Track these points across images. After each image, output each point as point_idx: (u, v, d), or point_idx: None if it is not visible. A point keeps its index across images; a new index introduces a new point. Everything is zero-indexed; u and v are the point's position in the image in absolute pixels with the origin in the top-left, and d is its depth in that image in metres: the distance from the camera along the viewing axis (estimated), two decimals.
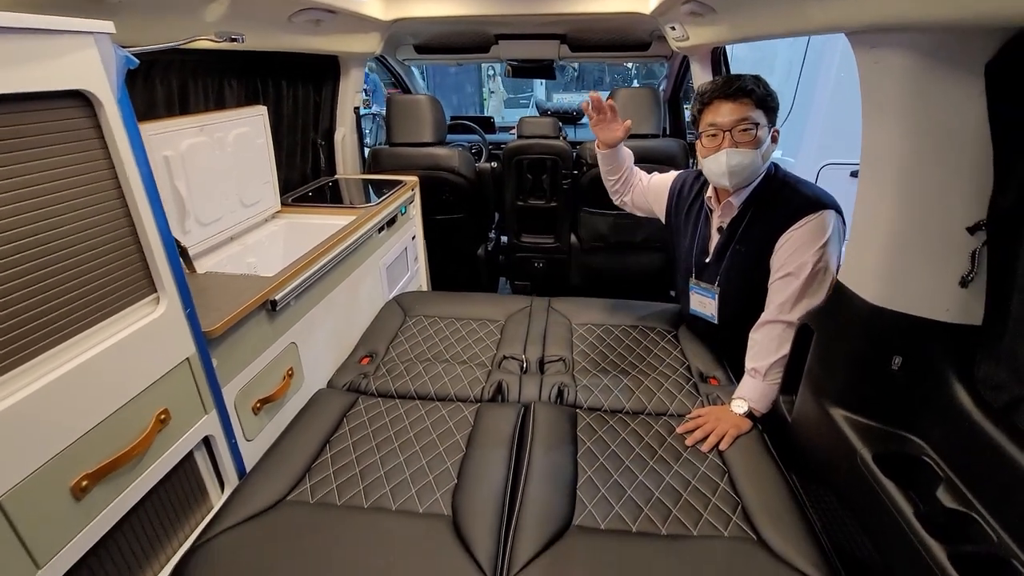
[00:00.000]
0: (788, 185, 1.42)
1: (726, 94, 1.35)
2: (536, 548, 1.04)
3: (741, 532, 1.08)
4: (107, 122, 0.85)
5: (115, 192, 0.89)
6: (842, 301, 1.05)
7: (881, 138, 0.90)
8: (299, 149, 2.37)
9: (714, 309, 1.59)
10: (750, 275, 1.47)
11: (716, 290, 1.57)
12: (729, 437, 1.31)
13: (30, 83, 0.73)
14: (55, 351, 0.80)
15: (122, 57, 0.87)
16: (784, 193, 1.41)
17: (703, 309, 1.64)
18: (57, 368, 0.80)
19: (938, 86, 0.77)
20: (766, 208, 1.43)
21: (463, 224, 2.75)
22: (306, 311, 1.55)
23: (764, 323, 1.43)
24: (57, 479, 0.80)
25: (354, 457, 1.29)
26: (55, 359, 0.80)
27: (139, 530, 0.99)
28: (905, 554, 0.84)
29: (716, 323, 1.62)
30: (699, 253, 1.61)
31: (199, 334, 1.08)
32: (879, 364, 0.99)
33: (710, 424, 1.34)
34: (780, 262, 1.38)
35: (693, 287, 1.65)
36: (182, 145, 1.49)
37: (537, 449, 1.29)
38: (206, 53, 1.62)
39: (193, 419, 1.08)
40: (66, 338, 0.82)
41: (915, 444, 0.96)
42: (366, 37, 2.32)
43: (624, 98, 2.52)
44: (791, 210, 1.36)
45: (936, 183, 0.84)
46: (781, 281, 1.38)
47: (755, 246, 1.44)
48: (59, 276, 0.80)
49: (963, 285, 0.85)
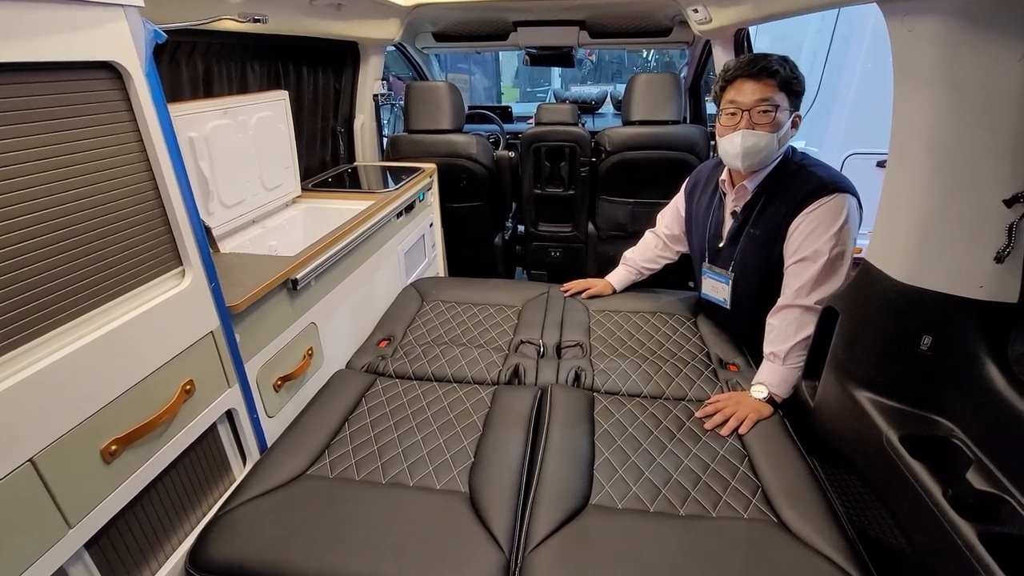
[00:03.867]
0: (804, 168, 1.40)
1: (750, 73, 1.33)
2: (553, 525, 1.04)
3: (761, 514, 1.07)
4: (136, 94, 0.87)
5: (143, 164, 0.91)
6: (869, 281, 1.03)
7: (914, 109, 0.87)
8: (319, 136, 2.39)
9: (726, 294, 1.58)
10: (764, 259, 1.46)
11: (730, 275, 1.55)
12: (749, 421, 1.29)
13: (63, 52, 0.75)
14: (85, 318, 0.82)
15: (151, 31, 0.89)
16: (800, 176, 1.39)
17: (715, 294, 1.64)
18: (87, 335, 0.82)
19: (975, 50, 0.74)
20: (781, 191, 1.40)
21: (480, 212, 2.75)
22: (326, 293, 1.57)
23: (781, 308, 1.42)
24: (88, 442, 0.82)
25: (372, 435, 1.31)
26: (85, 326, 0.82)
27: (165, 498, 1.02)
28: (933, 536, 0.82)
29: (728, 308, 1.61)
30: (712, 237, 1.60)
31: (223, 308, 1.10)
32: (907, 344, 0.96)
33: (729, 408, 1.33)
34: (795, 246, 1.37)
35: (706, 271, 1.65)
36: (206, 127, 1.51)
37: (554, 429, 1.29)
38: (230, 36, 1.64)
39: (217, 391, 1.10)
40: (95, 306, 0.84)
41: (944, 426, 0.93)
42: (385, 23, 2.32)
43: (643, 84, 2.49)
44: (806, 193, 1.34)
45: (971, 153, 0.81)
46: (797, 266, 1.36)
47: (769, 229, 1.43)
48: (89, 244, 0.82)
49: (999, 260, 0.83)
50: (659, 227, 1.92)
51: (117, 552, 0.92)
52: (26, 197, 0.73)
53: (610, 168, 2.54)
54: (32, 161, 0.74)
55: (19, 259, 0.72)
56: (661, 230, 1.91)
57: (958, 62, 0.78)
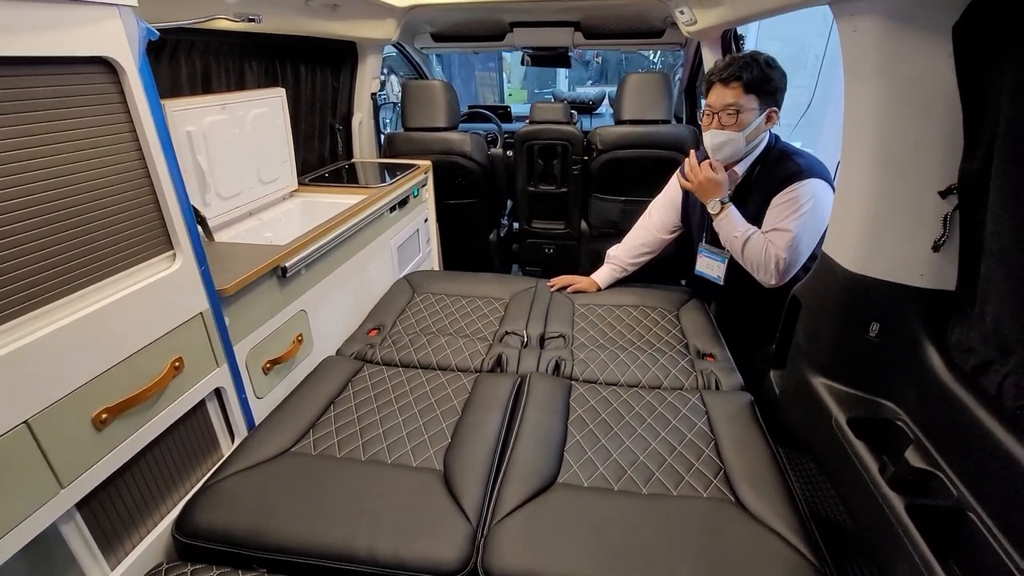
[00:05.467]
0: (785, 155, 1.58)
1: (721, 78, 1.50)
2: (519, 500, 1.09)
3: (720, 494, 1.11)
4: (129, 88, 0.93)
5: (136, 153, 0.97)
6: (826, 271, 1.07)
7: (861, 106, 0.91)
8: (317, 132, 2.46)
9: (721, 271, 1.73)
10: None
11: (727, 254, 1.70)
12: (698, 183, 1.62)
13: (60, 48, 0.81)
14: (80, 294, 0.89)
15: (144, 29, 0.95)
16: (781, 162, 1.56)
17: (709, 271, 1.78)
18: (81, 309, 0.88)
19: (909, 49, 0.79)
20: (765, 175, 1.59)
21: (475, 209, 2.80)
22: (316, 282, 1.63)
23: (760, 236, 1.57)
24: (80, 409, 0.88)
25: (355, 416, 1.37)
26: (79, 301, 0.89)
27: (155, 468, 1.08)
28: (868, 508, 0.86)
29: (721, 284, 1.74)
30: (709, 219, 1.73)
31: (212, 291, 1.16)
32: (857, 332, 1.01)
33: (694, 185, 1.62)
34: (770, 221, 1.55)
35: (703, 251, 1.79)
36: (204, 122, 1.58)
37: (529, 413, 1.34)
38: (228, 35, 1.71)
39: (206, 370, 1.16)
40: (90, 283, 0.90)
41: (890, 409, 0.97)
42: (382, 23, 2.39)
43: (634, 83, 2.54)
44: (783, 178, 1.52)
45: (911, 147, 0.85)
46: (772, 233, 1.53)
47: (755, 211, 1.59)
48: (84, 226, 0.88)
49: (935, 250, 0.87)
50: (652, 219, 1.99)
51: (108, 515, 0.98)
52: (26, 181, 0.79)
53: (601, 166, 2.58)
54: (32, 148, 0.80)
55: (20, 236, 0.79)
56: (655, 221, 1.98)
57: (896, 60, 0.82)
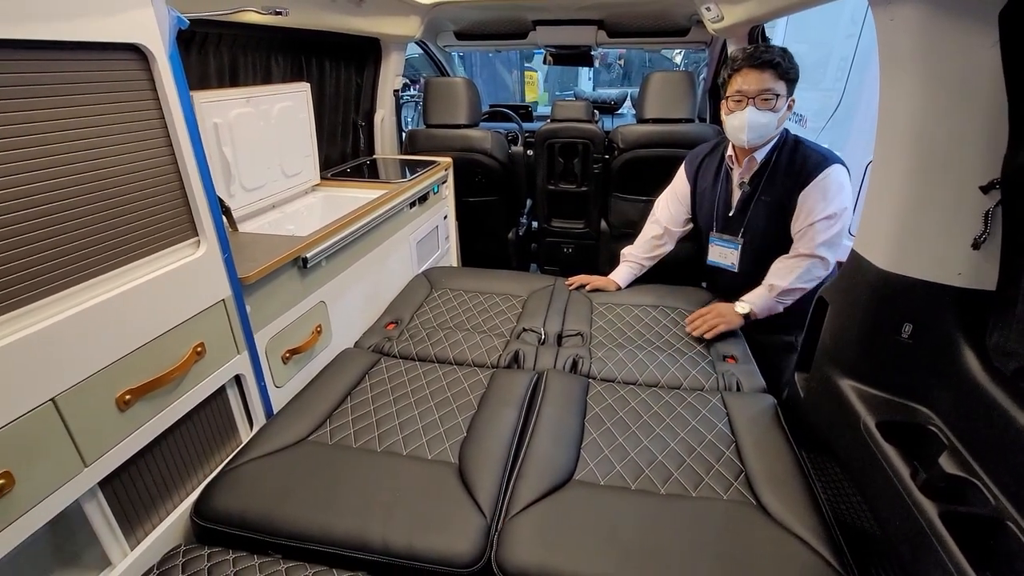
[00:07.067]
0: (801, 143, 1.63)
1: (753, 64, 1.49)
2: (535, 495, 1.08)
3: (740, 496, 1.09)
4: (159, 75, 0.95)
5: (164, 140, 0.98)
6: (856, 270, 1.04)
7: (896, 98, 0.88)
8: (340, 128, 2.49)
9: (735, 259, 1.76)
10: (772, 224, 1.66)
11: (740, 241, 1.74)
12: (718, 330, 1.60)
13: (93, 33, 0.83)
14: (106, 276, 0.90)
15: (174, 17, 0.97)
16: (800, 151, 1.61)
17: (723, 260, 1.80)
18: (107, 291, 0.90)
19: (951, 37, 0.76)
20: (786, 163, 1.61)
21: (495, 207, 2.80)
22: (336, 274, 1.64)
23: (798, 255, 1.60)
24: (104, 389, 0.90)
25: (372, 408, 1.37)
26: (106, 283, 0.90)
27: (175, 451, 1.10)
28: (899, 515, 0.83)
29: (735, 271, 1.77)
30: (722, 208, 1.77)
31: (235, 279, 1.17)
32: (889, 333, 0.97)
33: (713, 318, 1.62)
34: (812, 208, 1.55)
35: (714, 239, 1.80)
36: (230, 114, 1.60)
37: (546, 410, 1.33)
38: (256, 29, 1.74)
39: (227, 356, 1.18)
40: (116, 266, 0.92)
41: (922, 413, 0.94)
42: (406, 20, 2.40)
43: (658, 81, 2.51)
44: (811, 164, 1.56)
45: (950, 140, 0.82)
46: (824, 222, 1.54)
47: (778, 198, 1.63)
48: (113, 210, 0.90)
49: (975, 247, 0.83)
50: (660, 213, 1.98)
51: (128, 496, 1.00)
52: (59, 163, 0.81)
53: (623, 165, 2.56)
54: (65, 131, 0.82)
55: (52, 217, 0.80)
56: (663, 215, 1.97)
57: (936, 50, 0.79)
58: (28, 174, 0.78)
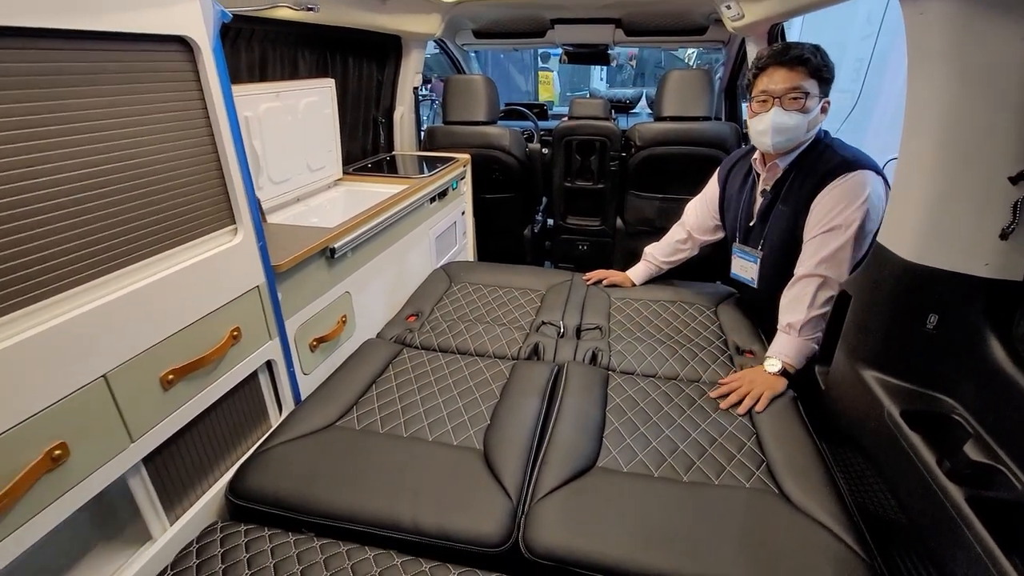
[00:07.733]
0: (830, 148, 1.44)
1: (781, 61, 1.37)
2: (559, 480, 1.10)
3: (762, 485, 1.10)
4: (204, 67, 0.98)
5: (206, 129, 1.02)
6: (880, 261, 1.05)
7: (925, 90, 0.90)
8: (361, 124, 2.53)
9: (754, 273, 1.63)
10: (789, 235, 1.50)
11: (758, 254, 1.60)
12: (765, 399, 1.32)
13: (144, 26, 0.86)
14: (151, 260, 0.94)
15: (218, 11, 1.00)
16: (826, 155, 1.43)
17: (744, 273, 1.68)
18: (154, 274, 0.93)
19: (981, 30, 0.77)
20: (808, 169, 1.45)
21: (511, 203, 2.83)
22: (360, 265, 1.68)
23: (799, 278, 1.44)
24: (150, 367, 0.93)
25: (397, 396, 1.40)
26: (153, 267, 0.94)
27: (211, 431, 1.13)
28: (925, 502, 0.84)
29: (755, 287, 1.65)
30: (744, 217, 1.65)
31: (268, 267, 1.21)
32: (914, 324, 0.98)
33: (744, 387, 1.35)
34: (818, 218, 1.39)
35: (736, 251, 1.70)
36: (260, 108, 1.64)
37: (567, 399, 1.35)
38: (284, 25, 1.78)
39: (260, 341, 1.21)
40: (161, 250, 0.96)
41: (946, 403, 0.95)
42: (428, 18, 2.44)
43: (676, 79, 2.52)
44: (829, 169, 1.39)
45: (979, 131, 0.83)
46: (823, 236, 1.38)
47: (795, 205, 1.47)
48: (158, 196, 0.94)
49: (1003, 238, 0.84)
50: (688, 217, 1.95)
51: (169, 473, 1.03)
52: (108, 150, 0.85)
53: (640, 163, 2.57)
54: (113, 119, 0.85)
55: (103, 202, 0.84)
56: (690, 220, 1.93)
57: (966, 43, 0.81)
58: (84, 159, 0.81)
